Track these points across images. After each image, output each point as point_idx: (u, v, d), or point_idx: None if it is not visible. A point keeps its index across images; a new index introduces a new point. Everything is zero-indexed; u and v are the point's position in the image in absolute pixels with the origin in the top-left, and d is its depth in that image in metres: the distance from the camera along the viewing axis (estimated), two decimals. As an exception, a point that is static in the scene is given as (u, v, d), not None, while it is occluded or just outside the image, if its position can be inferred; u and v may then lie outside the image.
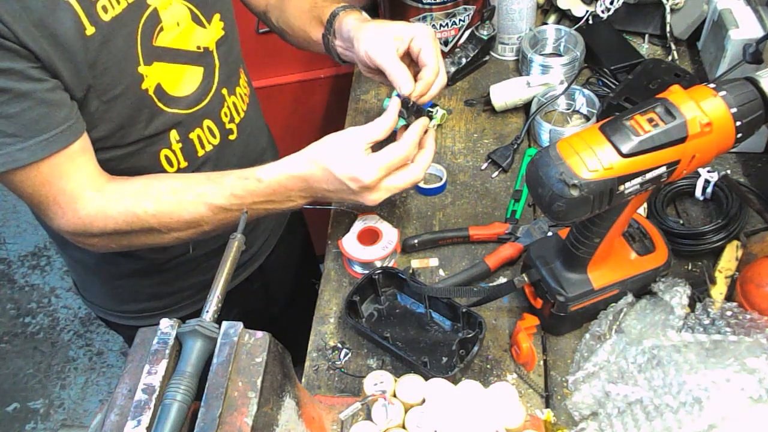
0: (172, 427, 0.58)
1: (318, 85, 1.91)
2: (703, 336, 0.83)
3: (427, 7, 1.33)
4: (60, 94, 0.84)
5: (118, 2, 0.88)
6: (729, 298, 0.95)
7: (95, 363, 2.53)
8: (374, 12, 1.54)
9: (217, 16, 1.02)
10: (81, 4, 0.83)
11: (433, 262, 1.10)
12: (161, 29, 0.93)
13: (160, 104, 0.96)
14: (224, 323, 0.66)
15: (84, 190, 0.90)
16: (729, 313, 0.87)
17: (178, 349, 0.64)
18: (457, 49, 1.39)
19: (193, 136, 1.02)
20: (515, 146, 1.23)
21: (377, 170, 0.89)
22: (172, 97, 0.97)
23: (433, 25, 1.36)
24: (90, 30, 0.84)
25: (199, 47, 1.00)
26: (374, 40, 0.99)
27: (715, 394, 0.74)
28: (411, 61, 1.01)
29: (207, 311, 0.66)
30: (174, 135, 1.00)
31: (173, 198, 0.92)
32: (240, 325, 0.65)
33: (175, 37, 0.96)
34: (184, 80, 0.98)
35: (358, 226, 1.08)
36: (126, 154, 0.97)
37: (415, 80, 0.97)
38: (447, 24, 1.37)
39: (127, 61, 0.90)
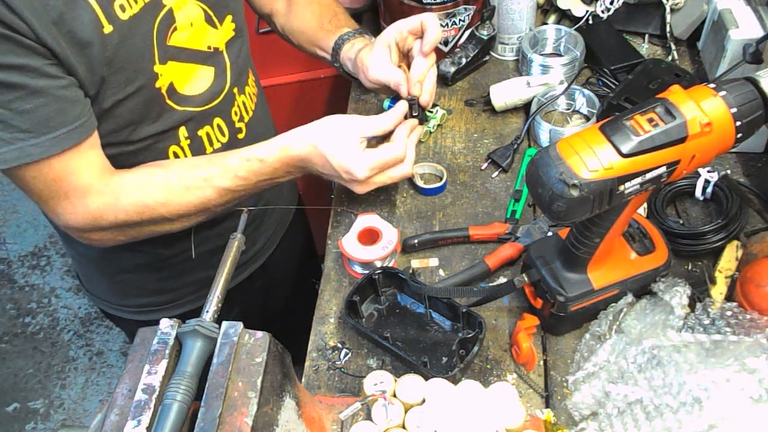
0: (172, 427, 0.58)
1: (318, 85, 1.91)
2: (703, 336, 0.83)
3: (427, 7, 1.33)
4: (74, 92, 0.85)
5: (136, 1, 0.89)
6: (729, 298, 0.95)
7: (95, 363, 2.53)
8: (374, 12, 1.54)
9: (229, 17, 1.04)
10: (99, 3, 0.84)
11: (433, 262, 1.09)
12: (175, 29, 0.95)
13: (170, 102, 0.97)
14: (224, 323, 0.66)
15: (94, 185, 0.91)
16: (729, 313, 0.87)
17: (178, 349, 0.64)
18: (457, 49, 1.39)
19: (202, 133, 1.03)
20: (515, 146, 1.23)
21: (370, 169, 0.97)
22: (182, 96, 0.99)
23: (433, 25, 1.36)
24: (108, 28, 0.85)
25: (209, 47, 1.01)
26: (372, 63, 1.06)
27: (715, 394, 0.74)
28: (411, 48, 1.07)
29: (207, 311, 0.66)
30: (183, 132, 1.01)
31: (180, 184, 0.95)
32: (240, 325, 0.65)
33: (188, 37, 0.97)
34: (195, 79, 1.00)
35: (358, 226, 1.08)
36: (135, 150, 0.98)
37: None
38: (447, 24, 1.37)
39: (144, 60, 0.91)
